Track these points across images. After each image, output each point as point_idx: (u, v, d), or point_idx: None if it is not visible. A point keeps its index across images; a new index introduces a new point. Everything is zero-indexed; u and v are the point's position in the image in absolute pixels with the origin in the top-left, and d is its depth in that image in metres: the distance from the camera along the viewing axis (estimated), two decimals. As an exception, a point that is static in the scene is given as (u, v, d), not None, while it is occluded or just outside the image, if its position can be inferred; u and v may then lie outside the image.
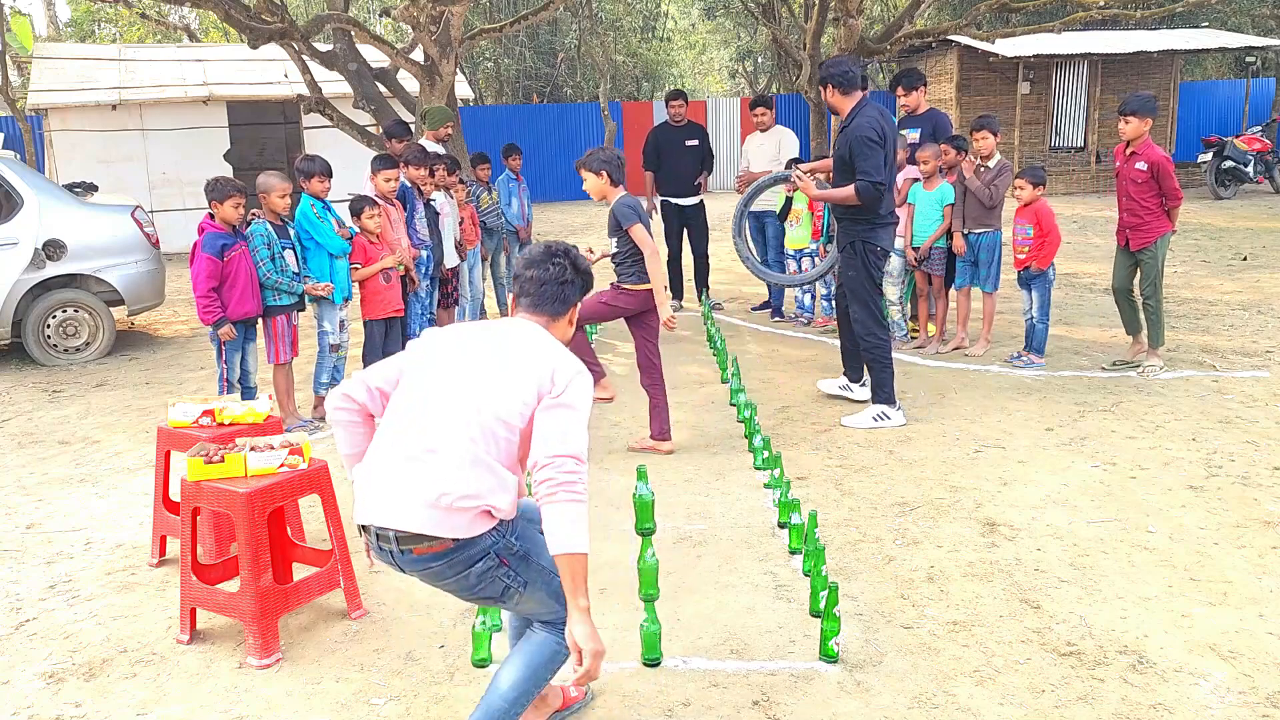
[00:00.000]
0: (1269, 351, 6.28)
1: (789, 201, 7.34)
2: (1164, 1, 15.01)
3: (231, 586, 3.19)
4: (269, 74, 15.20)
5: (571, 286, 2.51)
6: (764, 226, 7.79)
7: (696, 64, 35.38)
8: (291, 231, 5.38)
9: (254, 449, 3.16)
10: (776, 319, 7.95)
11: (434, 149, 7.09)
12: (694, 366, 6.62)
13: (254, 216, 5.30)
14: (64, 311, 7.44)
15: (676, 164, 7.99)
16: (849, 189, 4.90)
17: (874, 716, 2.65)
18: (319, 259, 5.41)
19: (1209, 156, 15.41)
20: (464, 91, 15.57)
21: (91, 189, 9.05)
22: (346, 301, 5.55)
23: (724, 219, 7.93)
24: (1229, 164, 15.15)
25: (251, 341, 5.28)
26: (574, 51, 25.32)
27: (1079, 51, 16.83)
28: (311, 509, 4.07)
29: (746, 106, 17.36)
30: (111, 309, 7.69)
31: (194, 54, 16.63)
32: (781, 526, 3.85)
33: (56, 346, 7.45)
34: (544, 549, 2.29)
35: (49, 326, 7.41)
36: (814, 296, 7.83)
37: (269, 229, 5.21)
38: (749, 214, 7.83)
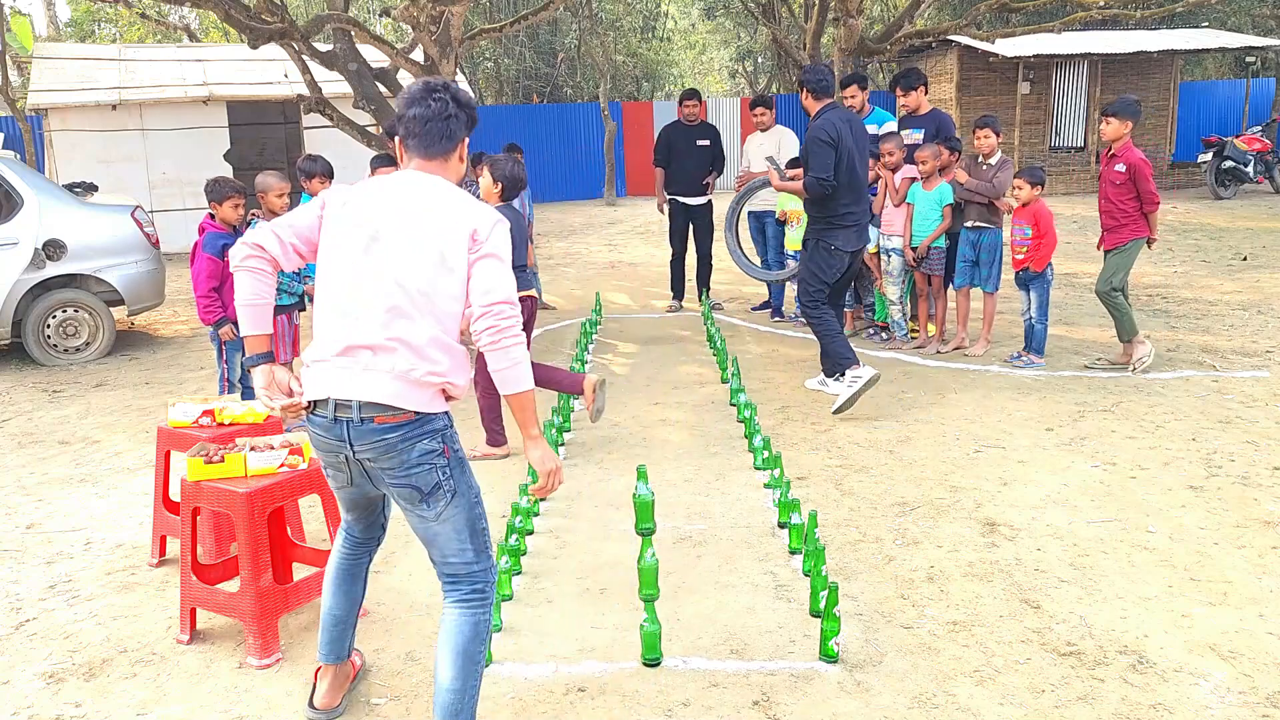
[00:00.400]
0: (1269, 351, 6.28)
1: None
2: (1164, 1, 15.01)
3: (231, 586, 3.19)
4: (269, 74, 15.20)
5: (456, 121, 2.49)
6: (764, 227, 7.80)
7: (696, 64, 35.37)
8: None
9: (254, 449, 3.16)
10: (776, 319, 7.95)
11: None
12: (694, 366, 6.62)
13: (254, 216, 5.30)
14: (64, 311, 7.44)
15: (686, 163, 7.99)
16: (799, 183, 5.44)
17: (874, 716, 2.65)
18: (319, 259, 5.41)
19: (1209, 156, 15.41)
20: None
21: (91, 189, 9.04)
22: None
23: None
24: (1229, 164, 15.15)
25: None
26: (574, 51, 25.31)
27: (1079, 51, 16.82)
28: (311, 509, 4.08)
29: (746, 106, 17.37)
30: (111, 309, 7.69)
31: (194, 54, 16.63)
32: (781, 526, 3.85)
33: (56, 346, 7.45)
34: (474, 480, 2.48)
35: (49, 326, 7.41)
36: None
37: (269, 229, 5.20)
38: (750, 214, 7.88)
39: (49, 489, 4.71)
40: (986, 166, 6.27)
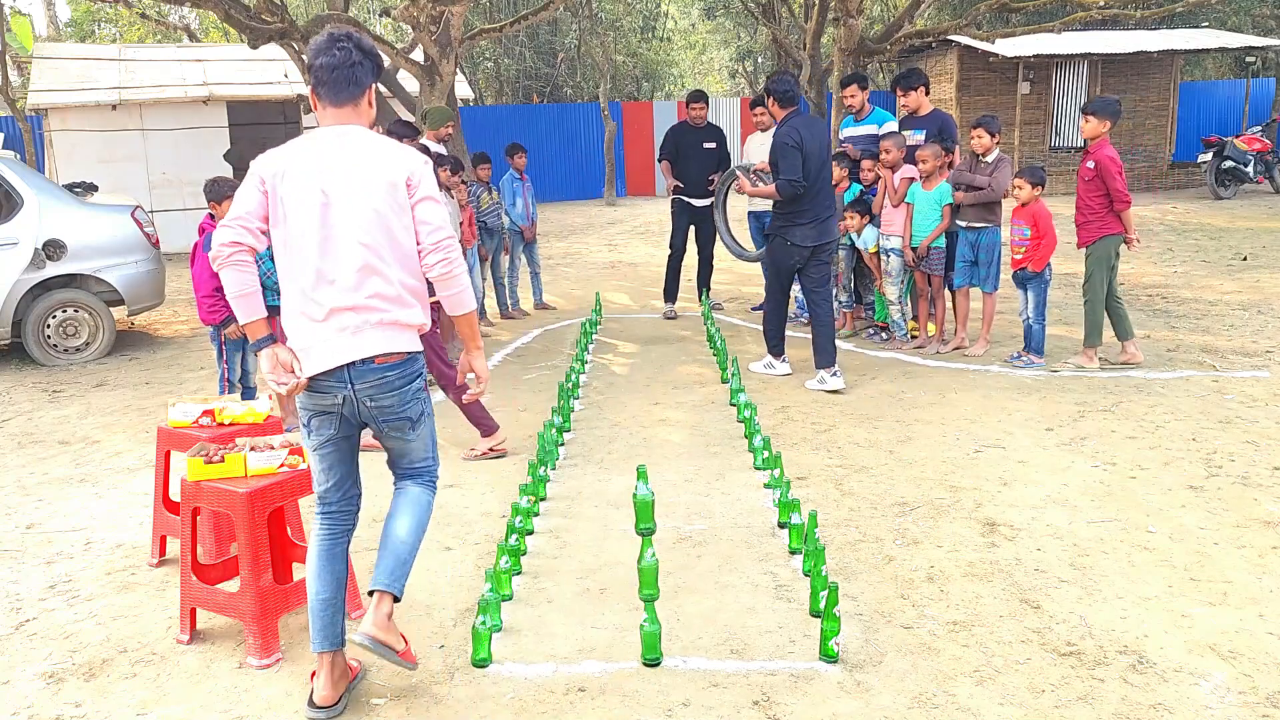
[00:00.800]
0: (1269, 351, 6.28)
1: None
2: (1164, 1, 15.02)
3: (231, 586, 3.19)
4: (269, 74, 15.20)
5: (361, 68, 2.70)
6: (763, 226, 7.80)
7: (696, 64, 35.39)
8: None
9: (254, 449, 3.16)
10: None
11: (435, 149, 7.10)
12: (694, 366, 6.62)
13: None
14: (64, 311, 7.44)
15: (692, 165, 7.99)
16: (772, 186, 5.79)
17: (874, 716, 2.65)
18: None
19: (1209, 156, 15.41)
20: (464, 91, 15.58)
21: (91, 189, 9.04)
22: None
23: (740, 221, 7.97)
24: (1229, 164, 15.15)
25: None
26: (574, 51, 25.32)
27: (1079, 51, 16.82)
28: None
29: (746, 106, 17.36)
30: (111, 309, 7.69)
31: (194, 54, 16.63)
32: (781, 526, 3.85)
33: (56, 346, 7.45)
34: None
35: (49, 326, 7.41)
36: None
37: (269, 229, 5.21)
38: (750, 214, 7.91)
39: (49, 489, 4.71)
40: (984, 165, 6.26)
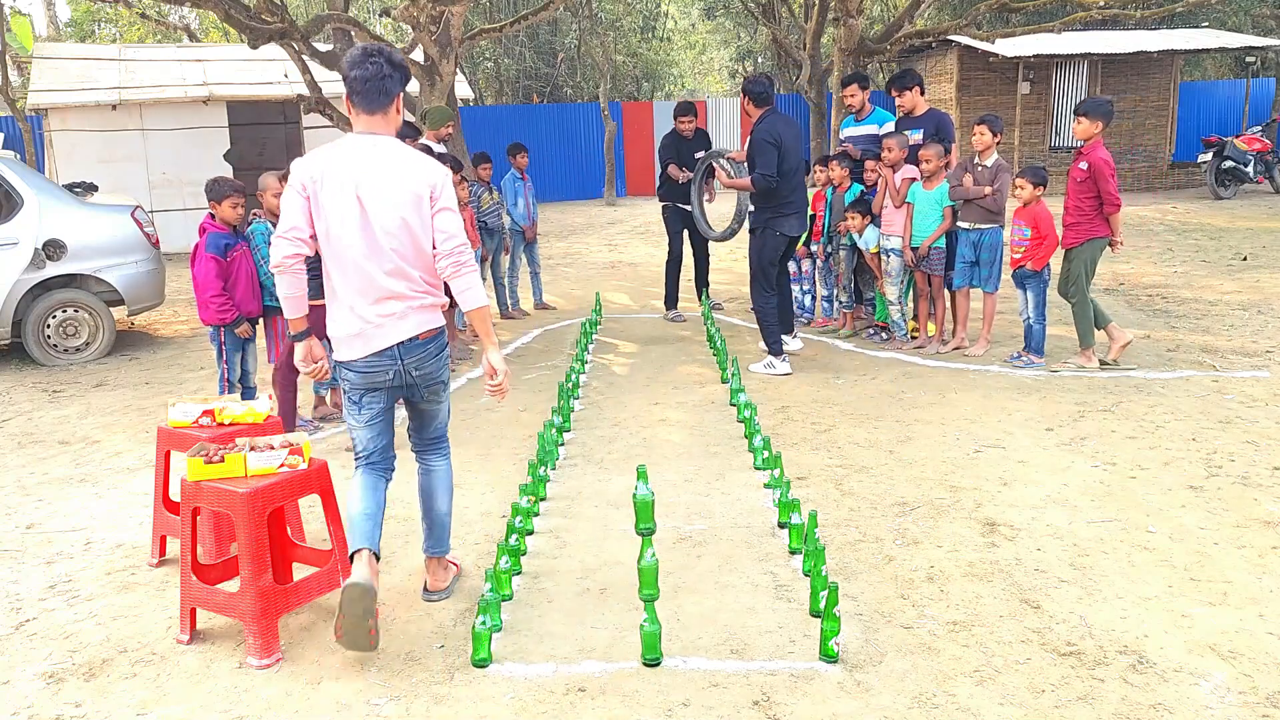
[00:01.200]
0: (1269, 351, 6.28)
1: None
2: (1164, 1, 15.02)
3: (231, 586, 3.19)
4: (269, 74, 15.20)
5: (391, 79, 3.05)
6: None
7: (696, 64, 35.39)
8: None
9: (254, 449, 3.16)
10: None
11: (436, 149, 7.10)
12: (694, 366, 6.62)
13: (255, 216, 5.30)
14: (64, 311, 7.44)
15: None
16: (748, 179, 6.15)
17: (874, 716, 2.65)
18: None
19: (1209, 156, 15.41)
20: (464, 91, 15.57)
21: (91, 189, 9.04)
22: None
23: (723, 218, 7.95)
24: (1229, 164, 15.15)
25: (251, 342, 5.28)
26: (574, 51, 25.32)
27: (1079, 51, 16.82)
28: (311, 509, 4.07)
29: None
30: (111, 309, 7.69)
31: (194, 54, 16.63)
32: (781, 526, 3.85)
33: (56, 346, 7.45)
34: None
35: (49, 326, 7.41)
36: (814, 297, 7.84)
37: (269, 229, 5.20)
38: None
39: (49, 489, 4.71)
40: (982, 169, 6.25)
